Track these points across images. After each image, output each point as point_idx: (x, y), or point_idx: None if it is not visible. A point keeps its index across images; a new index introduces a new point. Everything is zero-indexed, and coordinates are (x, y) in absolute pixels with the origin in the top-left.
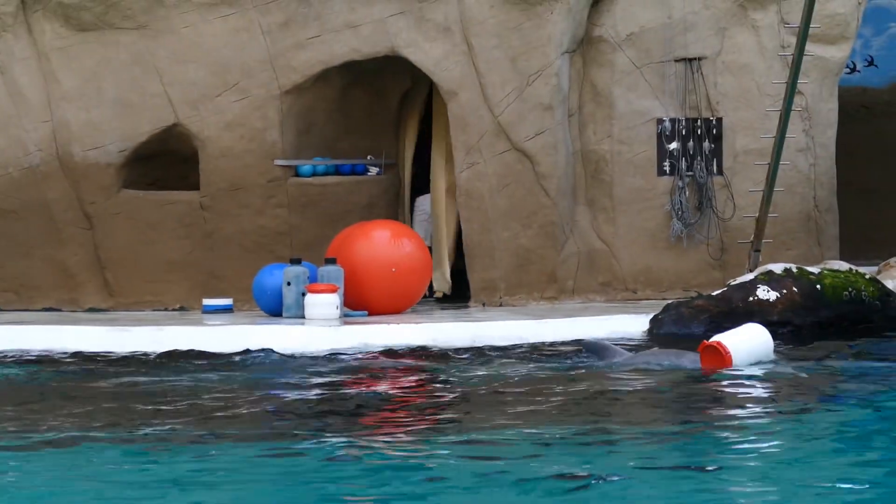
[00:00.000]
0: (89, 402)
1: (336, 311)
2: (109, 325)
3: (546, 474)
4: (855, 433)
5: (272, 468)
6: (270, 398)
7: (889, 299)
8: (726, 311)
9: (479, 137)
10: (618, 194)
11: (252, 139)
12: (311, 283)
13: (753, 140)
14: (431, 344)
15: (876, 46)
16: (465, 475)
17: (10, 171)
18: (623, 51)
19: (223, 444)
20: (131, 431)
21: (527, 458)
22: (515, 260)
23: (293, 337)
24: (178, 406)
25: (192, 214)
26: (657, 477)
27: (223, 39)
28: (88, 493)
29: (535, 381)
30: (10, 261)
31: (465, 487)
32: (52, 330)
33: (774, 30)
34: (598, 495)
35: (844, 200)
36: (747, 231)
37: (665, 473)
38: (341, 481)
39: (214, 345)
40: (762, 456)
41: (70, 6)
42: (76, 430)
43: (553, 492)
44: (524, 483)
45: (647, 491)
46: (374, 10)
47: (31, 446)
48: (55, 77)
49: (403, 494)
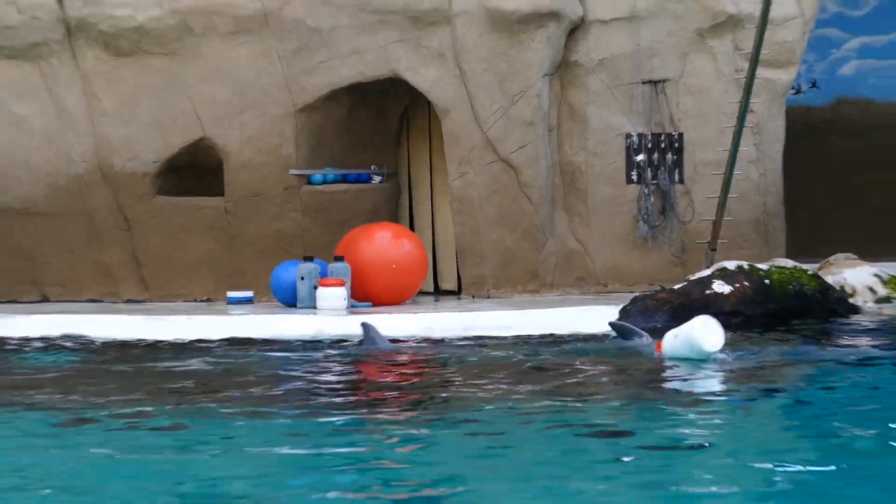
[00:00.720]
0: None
1: (344, 302)
2: (145, 315)
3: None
4: (791, 417)
5: (288, 441)
6: (285, 378)
7: (828, 292)
8: (686, 303)
9: (469, 150)
10: (591, 201)
11: (270, 152)
12: (321, 278)
13: (711, 153)
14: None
15: (818, 70)
16: (456, 445)
17: (57, 180)
18: (596, 74)
19: (246, 418)
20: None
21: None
22: (501, 258)
23: (306, 325)
24: (206, 385)
25: (217, 218)
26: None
27: (244, 64)
28: (131, 462)
29: (516, 364)
30: (58, 258)
31: (461, 455)
32: (95, 319)
33: (729, 56)
34: (585, 463)
35: (790, 206)
36: (705, 233)
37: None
38: (347, 450)
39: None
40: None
41: (109, 34)
42: (120, 407)
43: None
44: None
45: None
46: (378, 38)
47: (80, 421)
48: (97, 97)
49: (403, 461)
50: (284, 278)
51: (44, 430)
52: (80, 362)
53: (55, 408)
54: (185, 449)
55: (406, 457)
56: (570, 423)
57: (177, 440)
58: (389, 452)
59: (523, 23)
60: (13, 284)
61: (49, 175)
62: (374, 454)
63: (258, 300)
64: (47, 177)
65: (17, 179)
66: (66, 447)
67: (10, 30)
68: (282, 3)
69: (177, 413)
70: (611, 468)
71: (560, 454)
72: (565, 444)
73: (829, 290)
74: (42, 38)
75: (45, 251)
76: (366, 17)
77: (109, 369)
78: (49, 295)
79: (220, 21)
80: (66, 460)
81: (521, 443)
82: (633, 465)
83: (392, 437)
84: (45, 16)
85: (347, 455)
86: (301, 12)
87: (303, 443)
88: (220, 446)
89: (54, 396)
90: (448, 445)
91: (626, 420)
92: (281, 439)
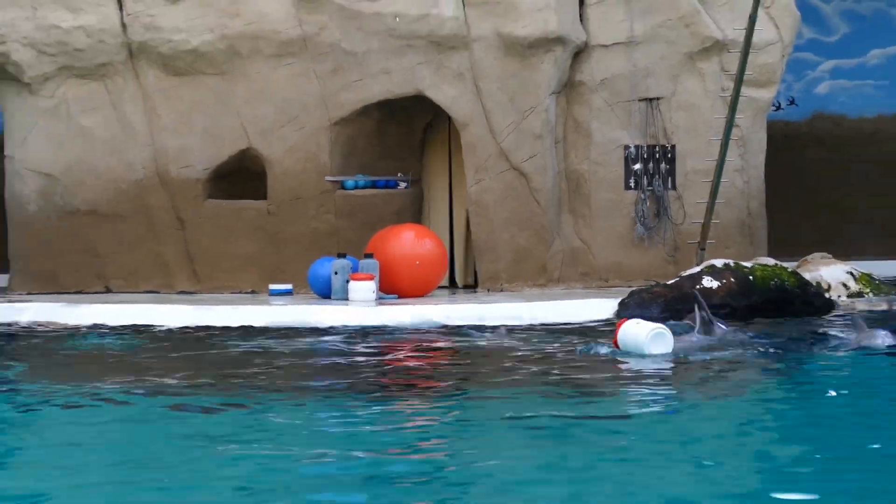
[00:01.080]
0: (181, 363)
1: (373, 294)
2: (196, 305)
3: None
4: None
5: (321, 421)
6: (321, 363)
7: (806, 287)
8: (678, 297)
9: (485, 159)
10: (594, 205)
11: (308, 160)
12: (353, 273)
13: (700, 162)
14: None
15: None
16: (475, 422)
17: (120, 185)
18: (598, 92)
19: (284, 400)
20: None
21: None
22: (514, 256)
23: (339, 314)
24: (248, 369)
25: (261, 219)
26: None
27: (286, 83)
28: (183, 439)
29: (527, 350)
30: (119, 254)
31: (478, 430)
32: (152, 308)
33: (717, 76)
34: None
35: (771, 210)
36: (695, 234)
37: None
38: (374, 429)
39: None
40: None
41: (167, 56)
42: (174, 388)
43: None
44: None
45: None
46: (404, 60)
47: (136, 400)
48: (156, 112)
49: (425, 436)
50: (320, 273)
51: (130, 405)
52: (136, 346)
53: (133, 386)
54: (250, 428)
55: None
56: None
57: (232, 421)
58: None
59: (533, 47)
60: (81, 277)
61: (113, 181)
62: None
63: (297, 292)
64: (111, 182)
65: (85, 184)
66: (154, 424)
67: (80, 52)
68: (319, 28)
69: (228, 394)
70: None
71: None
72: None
73: (807, 286)
74: (108, 60)
75: (108, 248)
76: (394, 42)
77: (161, 353)
78: (112, 287)
79: (265, 45)
80: (153, 435)
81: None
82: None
83: (433, 416)
84: (111, 40)
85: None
86: (337, 36)
87: (330, 422)
88: (286, 425)
89: (126, 378)
90: (485, 427)
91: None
92: (318, 418)
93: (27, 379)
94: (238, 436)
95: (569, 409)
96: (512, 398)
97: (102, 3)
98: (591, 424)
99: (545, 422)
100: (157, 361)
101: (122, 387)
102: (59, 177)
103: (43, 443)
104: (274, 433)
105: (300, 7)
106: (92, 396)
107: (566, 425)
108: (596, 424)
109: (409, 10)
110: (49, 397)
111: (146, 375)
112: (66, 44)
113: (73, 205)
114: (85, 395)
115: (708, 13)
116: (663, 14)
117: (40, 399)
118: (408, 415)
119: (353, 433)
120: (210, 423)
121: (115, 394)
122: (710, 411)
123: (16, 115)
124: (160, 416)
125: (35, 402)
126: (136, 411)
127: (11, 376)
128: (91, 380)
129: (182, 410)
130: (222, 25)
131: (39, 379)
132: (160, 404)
